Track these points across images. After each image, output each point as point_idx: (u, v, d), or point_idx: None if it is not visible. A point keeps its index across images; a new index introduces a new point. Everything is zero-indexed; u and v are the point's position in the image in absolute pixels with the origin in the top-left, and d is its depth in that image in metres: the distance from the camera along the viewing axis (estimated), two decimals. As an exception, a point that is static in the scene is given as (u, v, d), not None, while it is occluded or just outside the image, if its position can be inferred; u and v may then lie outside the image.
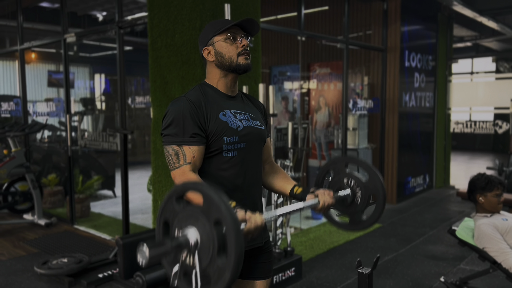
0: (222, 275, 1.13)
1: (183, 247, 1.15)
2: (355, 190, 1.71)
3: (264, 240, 1.71)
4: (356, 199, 1.72)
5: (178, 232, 1.20)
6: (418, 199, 6.69)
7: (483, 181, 2.81)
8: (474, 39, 9.74)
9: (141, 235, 3.46)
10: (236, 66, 1.59)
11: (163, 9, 3.63)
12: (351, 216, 1.74)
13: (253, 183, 1.64)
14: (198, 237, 1.15)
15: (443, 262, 4.01)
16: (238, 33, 1.60)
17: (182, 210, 1.20)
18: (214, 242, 1.13)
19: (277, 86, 7.54)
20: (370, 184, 1.68)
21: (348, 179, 1.72)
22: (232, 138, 1.55)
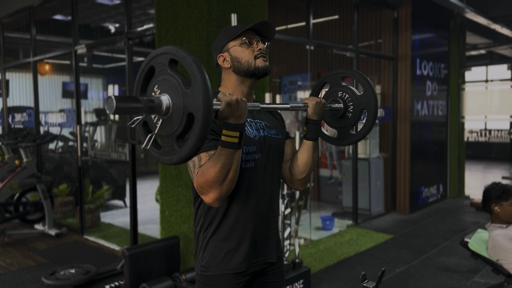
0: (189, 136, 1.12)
1: (155, 107, 1.13)
2: (348, 103, 1.69)
3: (278, 255, 1.64)
4: (347, 113, 1.69)
5: (155, 94, 1.18)
6: (431, 209, 6.56)
7: (498, 190, 2.72)
8: (488, 46, 9.60)
9: (147, 246, 3.45)
10: (255, 69, 1.52)
11: (170, 20, 3.65)
12: (340, 129, 1.72)
13: (269, 195, 1.56)
14: (170, 104, 1.14)
15: (456, 274, 3.90)
16: (253, 37, 1.54)
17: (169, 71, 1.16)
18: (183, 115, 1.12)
19: (288, 96, 7.51)
20: (364, 98, 1.65)
21: (343, 92, 1.70)
22: (250, 148, 1.49)
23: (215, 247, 1.51)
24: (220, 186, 1.32)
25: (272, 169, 1.57)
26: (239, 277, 1.52)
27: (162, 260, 3.46)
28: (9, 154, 5.33)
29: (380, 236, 5.09)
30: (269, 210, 1.57)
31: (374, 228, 5.45)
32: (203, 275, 1.52)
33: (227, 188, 1.34)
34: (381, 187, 6.31)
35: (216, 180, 1.31)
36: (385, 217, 6.08)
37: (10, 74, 7.78)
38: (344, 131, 1.72)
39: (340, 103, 1.70)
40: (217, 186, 1.32)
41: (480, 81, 12.18)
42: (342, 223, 5.68)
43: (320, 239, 4.99)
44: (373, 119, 1.65)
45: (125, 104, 1.07)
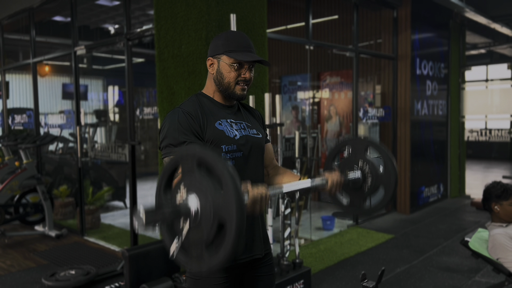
0: (221, 247, 1.07)
1: (182, 215, 1.10)
2: (366, 175, 1.64)
3: (265, 251, 1.67)
4: (364, 185, 1.65)
5: (181, 193, 1.15)
6: (432, 209, 6.55)
7: (498, 189, 2.72)
8: (488, 46, 9.59)
9: (147, 246, 3.44)
10: (232, 93, 1.58)
11: (169, 20, 3.65)
12: (352, 197, 1.67)
13: None
14: (198, 206, 1.10)
15: (457, 274, 3.89)
16: (244, 65, 1.57)
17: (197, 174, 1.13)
18: (214, 222, 1.07)
19: (287, 96, 7.51)
20: (384, 176, 1.60)
21: (363, 162, 1.64)
22: (230, 147, 1.54)
23: None
24: None
25: (255, 166, 1.63)
26: (228, 271, 1.56)
27: (162, 260, 3.46)
28: (9, 156, 5.33)
29: (380, 236, 5.08)
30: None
31: (374, 228, 5.44)
32: (192, 271, 1.57)
33: None
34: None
35: None
36: (385, 217, 6.07)
37: (10, 75, 7.78)
38: (355, 200, 1.67)
39: (358, 173, 1.65)
40: None
41: (480, 80, 12.17)
42: (342, 223, 5.68)
43: (321, 239, 4.98)
44: (389, 200, 1.62)
45: (154, 218, 1.05)
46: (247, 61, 1.56)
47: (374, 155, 1.65)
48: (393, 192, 1.61)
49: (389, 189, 1.60)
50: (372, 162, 1.63)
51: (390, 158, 1.63)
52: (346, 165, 1.68)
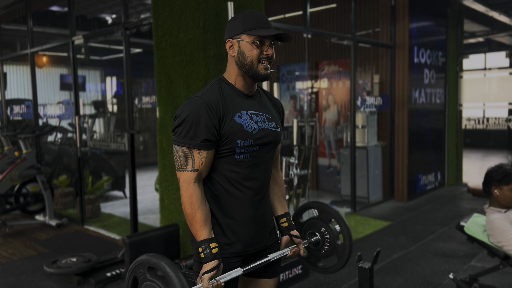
0: None
1: None
2: (325, 241, 1.80)
3: (271, 241, 1.70)
4: (321, 248, 1.82)
5: None
6: (429, 197, 6.60)
7: (500, 174, 2.70)
8: (486, 34, 9.59)
9: (147, 233, 3.48)
10: (255, 72, 1.52)
11: (167, 8, 3.65)
12: (309, 255, 1.86)
13: (263, 184, 1.61)
14: None
15: (453, 259, 3.95)
16: (266, 41, 1.52)
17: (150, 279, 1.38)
18: None
19: (286, 85, 7.52)
20: (340, 248, 1.76)
21: (326, 229, 1.80)
22: (246, 142, 1.51)
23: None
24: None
25: (267, 160, 1.62)
26: (234, 257, 1.58)
27: (162, 247, 3.50)
28: (8, 146, 5.35)
29: (378, 223, 5.13)
30: (263, 199, 1.63)
31: (372, 215, 5.50)
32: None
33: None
34: (379, 175, 6.35)
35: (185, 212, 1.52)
36: (383, 204, 6.12)
37: (8, 66, 7.76)
38: (311, 256, 1.86)
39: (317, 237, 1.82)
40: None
41: (478, 69, 12.17)
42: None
43: (319, 226, 5.03)
44: (340, 268, 1.80)
45: None
46: (269, 36, 1.51)
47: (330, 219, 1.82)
48: (344, 263, 1.79)
49: (342, 260, 1.78)
50: (333, 231, 1.79)
51: (348, 234, 1.78)
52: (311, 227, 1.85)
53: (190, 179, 1.49)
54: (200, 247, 1.46)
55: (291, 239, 1.73)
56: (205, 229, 1.47)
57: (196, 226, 1.47)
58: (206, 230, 1.47)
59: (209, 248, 1.45)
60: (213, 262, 1.44)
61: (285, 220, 1.74)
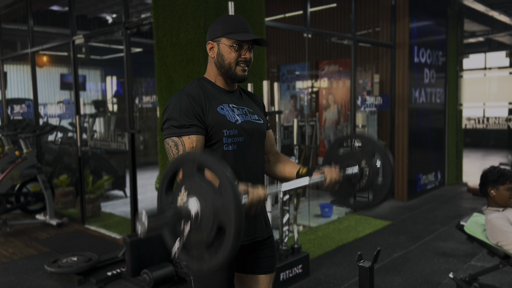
0: (220, 248, 1.12)
1: (183, 218, 1.15)
2: (364, 170, 1.65)
3: (266, 234, 1.71)
4: (361, 181, 1.66)
5: (182, 195, 1.20)
6: (429, 196, 6.61)
7: (495, 174, 2.74)
8: (486, 33, 9.59)
9: (148, 233, 3.48)
10: (233, 74, 1.60)
11: (167, 8, 3.66)
12: (350, 194, 1.70)
13: (253, 177, 1.64)
14: (199, 209, 1.15)
15: (453, 258, 3.95)
16: (244, 45, 1.60)
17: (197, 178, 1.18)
18: (214, 215, 1.12)
19: (286, 85, 7.53)
20: (379, 185, 1.63)
21: (367, 163, 1.65)
22: (232, 131, 1.56)
23: None
24: None
25: (256, 150, 1.66)
26: None
27: (163, 246, 3.51)
28: (9, 145, 5.36)
29: (378, 222, 5.14)
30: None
31: (372, 215, 5.51)
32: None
33: None
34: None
35: None
36: (383, 204, 6.13)
37: (8, 66, 7.77)
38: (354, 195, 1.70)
39: (355, 167, 1.66)
40: None
41: (478, 68, 12.17)
42: (340, 210, 5.74)
43: (319, 225, 5.04)
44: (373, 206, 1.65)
45: (157, 222, 1.10)
46: (246, 41, 1.58)
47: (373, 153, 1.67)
48: (380, 202, 1.64)
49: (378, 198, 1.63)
50: (373, 164, 1.64)
51: (385, 153, 1.64)
52: (343, 161, 1.69)
53: None
54: None
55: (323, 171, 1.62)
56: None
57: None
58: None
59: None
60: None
61: (302, 168, 1.68)
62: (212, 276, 1.57)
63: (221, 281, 1.58)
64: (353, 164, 1.65)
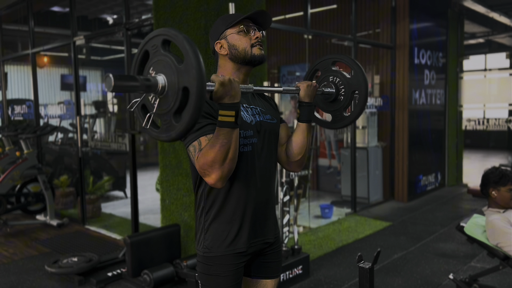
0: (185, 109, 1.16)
1: (151, 87, 1.18)
2: (339, 87, 1.74)
3: (275, 236, 1.69)
4: (339, 96, 1.75)
5: (150, 74, 1.23)
6: (429, 197, 6.61)
7: (497, 175, 2.74)
8: (486, 35, 9.60)
9: (148, 233, 3.50)
10: (251, 57, 1.56)
11: (168, 9, 3.66)
12: (334, 113, 1.77)
13: (266, 178, 1.62)
14: (166, 82, 1.18)
15: (453, 260, 3.96)
16: (250, 26, 1.58)
17: (162, 52, 1.21)
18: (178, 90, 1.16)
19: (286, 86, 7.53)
20: (354, 80, 1.71)
21: (334, 77, 1.75)
22: (247, 132, 1.53)
23: (216, 229, 1.55)
24: (222, 166, 1.35)
25: (269, 152, 1.62)
26: (240, 257, 1.57)
27: (163, 247, 3.52)
28: (9, 146, 5.36)
29: (378, 223, 5.14)
30: (267, 192, 1.63)
31: (372, 216, 5.51)
32: (205, 256, 1.56)
33: (228, 168, 1.37)
34: (380, 176, 6.36)
35: (216, 160, 1.34)
36: (383, 205, 6.13)
37: (9, 67, 7.78)
38: (337, 114, 1.78)
39: (331, 87, 1.76)
40: (219, 166, 1.35)
41: (478, 70, 12.18)
42: (341, 211, 5.74)
43: (319, 227, 5.05)
44: (364, 99, 1.72)
45: (122, 83, 1.11)
46: (250, 17, 1.56)
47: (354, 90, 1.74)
48: (365, 92, 1.71)
49: (361, 90, 1.70)
50: (341, 73, 1.74)
51: (354, 63, 1.73)
52: (320, 84, 1.80)
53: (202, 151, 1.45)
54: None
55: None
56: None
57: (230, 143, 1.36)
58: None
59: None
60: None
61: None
62: (220, 281, 1.55)
63: (229, 286, 1.55)
64: (327, 85, 1.77)
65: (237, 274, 1.57)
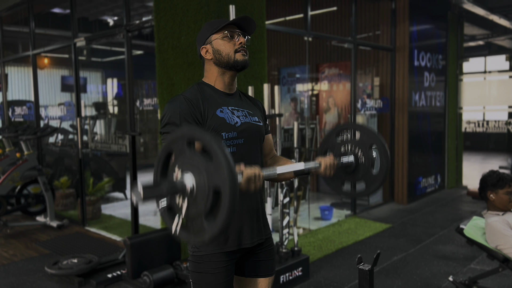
0: (218, 212, 1.12)
1: (178, 191, 1.16)
2: (356, 151, 1.67)
3: (265, 236, 1.71)
4: (360, 160, 1.67)
5: (176, 174, 1.20)
6: (429, 199, 6.62)
7: (494, 178, 2.76)
8: (486, 37, 9.61)
9: (148, 235, 3.50)
10: (234, 62, 1.60)
11: (169, 11, 3.67)
12: (364, 178, 1.69)
13: None
14: (194, 183, 1.15)
15: (453, 262, 3.96)
16: (235, 32, 1.62)
17: (188, 153, 1.19)
18: (209, 191, 1.12)
19: (286, 88, 7.54)
20: (365, 137, 1.65)
21: (343, 147, 1.70)
22: (230, 134, 1.57)
23: None
24: None
25: (255, 153, 1.66)
26: (230, 255, 1.60)
27: (163, 248, 3.52)
28: (10, 147, 5.37)
29: (378, 225, 5.15)
30: (254, 193, 1.65)
31: (372, 218, 5.52)
32: (195, 255, 1.61)
33: None
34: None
35: None
36: (383, 207, 6.14)
37: (9, 68, 7.79)
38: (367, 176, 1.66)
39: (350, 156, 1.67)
40: None
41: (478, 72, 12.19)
42: (340, 213, 5.74)
43: (319, 228, 5.05)
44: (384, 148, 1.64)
45: (151, 193, 1.10)
46: (235, 22, 1.59)
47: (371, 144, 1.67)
48: (372, 192, 1.66)
49: (371, 189, 1.64)
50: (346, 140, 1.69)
51: (377, 136, 1.66)
52: (338, 153, 1.71)
53: None
54: None
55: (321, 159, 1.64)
56: None
57: None
58: None
59: None
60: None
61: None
62: (211, 279, 1.58)
63: (220, 283, 1.58)
64: (349, 154, 1.67)
65: (227, 271, 1.60)
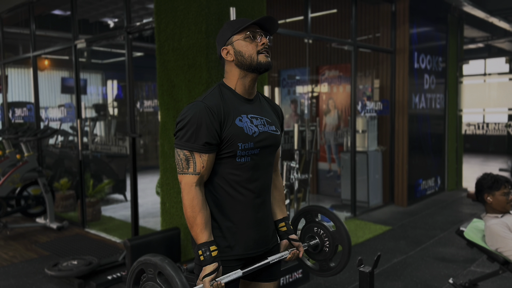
0: None
1: None
2: (324, 239, 1.82)
3: (272, 244, 1.71)
4: (324, 248, 1.82)
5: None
6: (429, 201, 6.62)
7: (489, 180, 2.76)
8: (485, 40, 9.63)
9: (148, 237, 3.50)
10: (257, 64, 1.55)
11: (169, 13, 3.68)
12: (320, 262, 1.84)
13: (264, 187, 1.63)
14: None
15: (453, 264, 3.96)
16: (257, 32, 1.57)
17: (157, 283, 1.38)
18: None
19: (286, 90, 7.55)
20: (337, 235, 1.79)
21: (317, 229, 1.83)
22: (247, 145, 1.53)
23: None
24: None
25: (268, 162, 1.64)
26: (235, 262, 1.59)
27: (163, 250, 3.52)
28: (10, 149, 5.37)
29: (378, 227, 5.15)
30: (264, 202, 1.64)
31: (372, 220, 5.51)
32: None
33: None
34: (379, 180, 6.37)
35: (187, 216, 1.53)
36: (383, 209, 6.14)
37: (10, 69, 7.79)
38: (324, 264, 1.84)
39: (316, 239, 1.83)
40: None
41: (478, 74, 12.20)
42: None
43: (319, 230, 5.04)
44: (348, 253, 1.79)
45: None
46: (257, 22, 1.55)
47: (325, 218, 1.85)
48: (349, 247, 1.79)
49: (345, 244, 1.78)
50: (325, 225, 1.82)
51: (337, 218, 1.81)
52: (305, 234, 1.88)
53: (191, 182, 1.50)
54: (200, 249, 1.48)
55: (290, 243, 1.74)
56: (205, 232, 1.49)
57: (196, 229, 1.49)
58: (206, 233, 1.49)
59: (208, 251, 1.47)
60: (213, 264, 1.46)
61: (283, 224, 1.75)
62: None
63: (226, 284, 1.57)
64: (314, 237, 1.84)
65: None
